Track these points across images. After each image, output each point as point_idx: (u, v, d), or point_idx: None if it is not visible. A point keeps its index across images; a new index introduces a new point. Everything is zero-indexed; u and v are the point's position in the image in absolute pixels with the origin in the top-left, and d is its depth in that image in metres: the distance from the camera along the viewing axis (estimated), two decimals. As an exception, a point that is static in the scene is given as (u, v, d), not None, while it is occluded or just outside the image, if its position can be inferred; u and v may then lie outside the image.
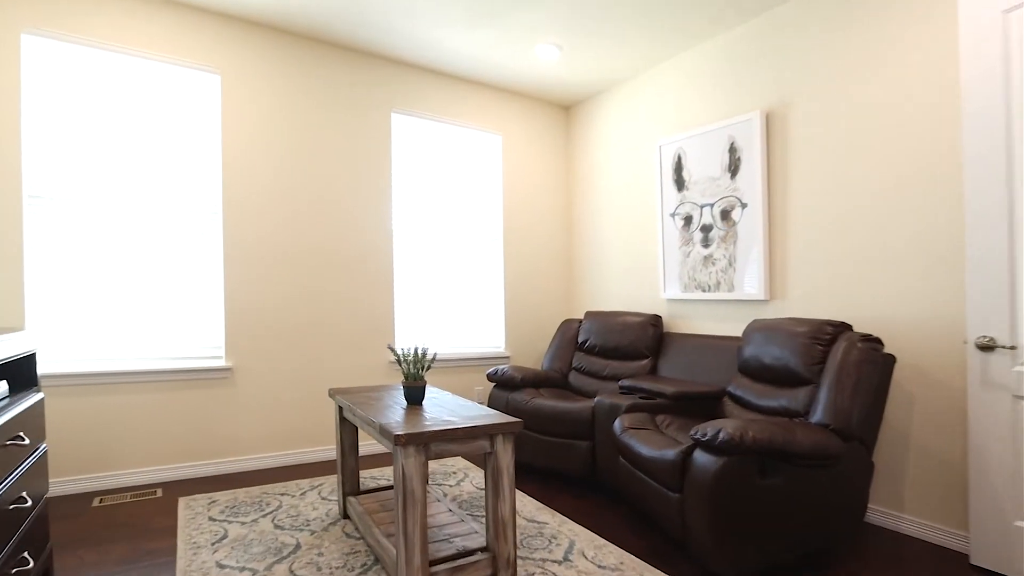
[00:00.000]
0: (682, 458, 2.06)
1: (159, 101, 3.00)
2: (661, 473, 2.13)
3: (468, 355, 3.98)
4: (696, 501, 1.94)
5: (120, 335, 2.91)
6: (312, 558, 2.10)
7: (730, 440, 1.84)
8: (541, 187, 4.38)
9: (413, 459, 1.75)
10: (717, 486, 1.87)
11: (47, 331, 2.75)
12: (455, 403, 2.25)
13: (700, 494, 1.92)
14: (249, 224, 3.22)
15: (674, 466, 2.06)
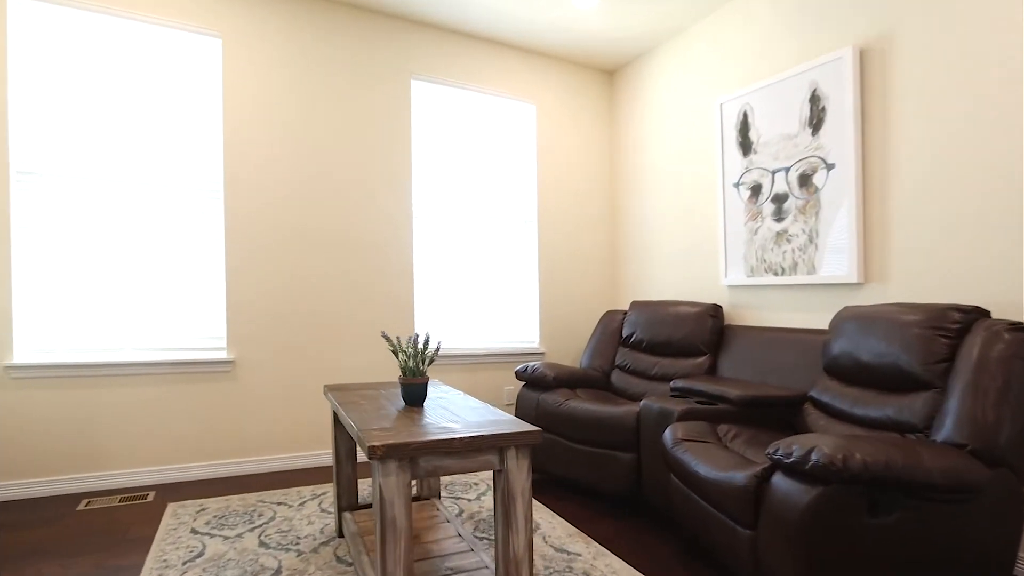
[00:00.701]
0: (756, 483, 1.58)
1: (156, 69, 2.77)
2: (726, 501, 1.66)
3: (497, 351, 3.59)
4: (777, 542, 1.46)
5: (114, 324, 2.69)
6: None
7: (828, 464, 1.35)
8: (580, 162, 3.93)
9: (395, 478, 1.36)
10: (809, 525, 1.38)
11: (34, 318, 2.55)
12: (465, 405, 1.85)
13: (783, 534, 1.43)
14: (252, 203, 2.94)
15: (744, 493, 1.58)
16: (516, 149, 3.71)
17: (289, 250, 3.03)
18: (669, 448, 2.06)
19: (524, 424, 1.54)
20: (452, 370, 3.46)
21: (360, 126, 3.21)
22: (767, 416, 2.29)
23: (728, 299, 3.11)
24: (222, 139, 2.89)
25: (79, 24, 2.63)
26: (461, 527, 1.99)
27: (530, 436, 1.48)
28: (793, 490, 1.45)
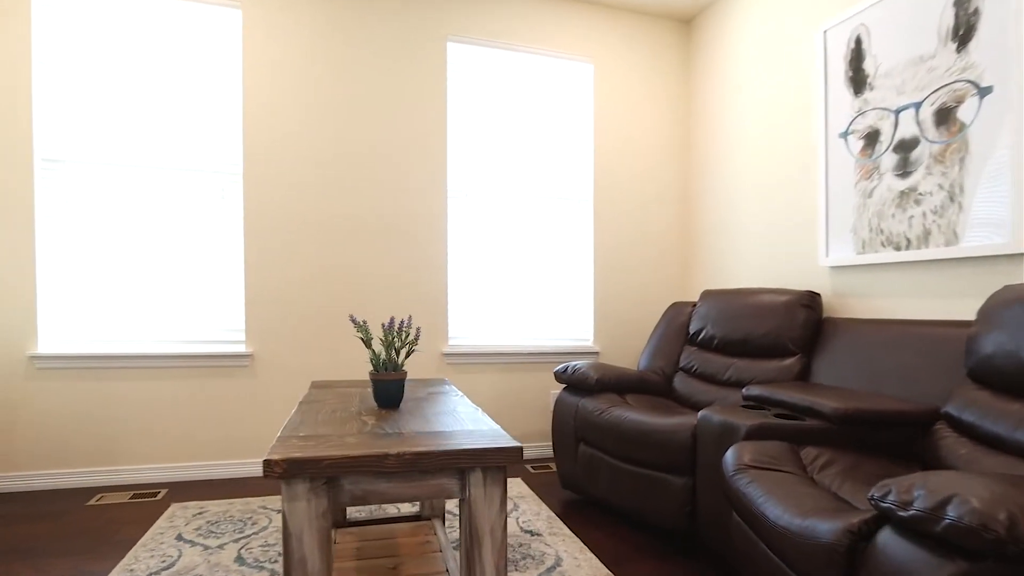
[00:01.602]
0: (851, 541, 1.07)
1: (175, 49, 2.69)
2: (804, 561, 1.15)
3: (542, 349, 3.18)
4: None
5: (135, 315, 2.64)
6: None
7: (981, 526, 0.82)
8: (647, 129, 3.41)
9: (304, 504, 1.02)
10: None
11: (58, 308, 2.55)
12: (453, 410, 1.48)
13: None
14: (272, 189, 2.78)
15: (831, 555, 1.08)
16: (569, 118, 3.28)
17: (310, 237, 2.84)
18: (729, 475, 1.56)
19: (499, 437, 1.14)
20: (489, 370, 3.10)
21: (390, 99, 2.95)
22: (876, 439, 1.70)
23: (829, 284, 2.47)
24: (241, 120, 2.75)
25: (98, 6, 2.59)
26: (453, 560, 1.63)
27: (504, 454, 1.08)
28: (913, 561, 0.93)
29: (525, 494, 2.50)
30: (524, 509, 2.32)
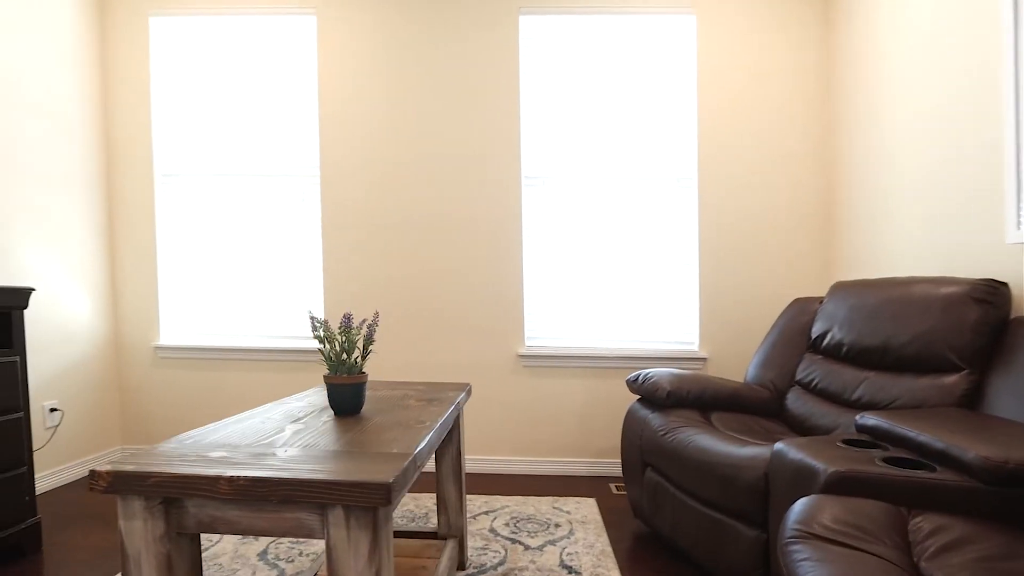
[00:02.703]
0: None
1: (263, 59, 2.90)
2: None
3: (636, 353, 2.78)
4: None
5: (234, 311, 2.92)
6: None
7: None
8: (770, 87, 2.78)
9: (141, 524, 0.91)
10: None
11: (176, 306, 2.93)
12: (414, 421, 1.29)
13: None
14: (348, 188, 2.86)
15: None
16: (664, 84, 2.82)
17: (383, 236, 2.85)
18: (783, 542, 1.10)
19: (373, 470, 0.91)
20: (571, 375, 2.80)
21: (460, 86, 2.84)
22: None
23: (1020, 270, 1.70)
24: (317, 123, 2.87)
25: (199, 30, 2.92)
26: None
27: (366, 492, 0.85)
28: None
29: (590, 519, 2.18)
30: (578, 538, 2.00)
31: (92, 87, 2.83)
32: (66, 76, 2.67)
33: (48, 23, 2.58)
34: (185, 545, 0.95)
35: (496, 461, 2.82)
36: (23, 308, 1.89)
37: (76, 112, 2.73)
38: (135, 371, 2.93)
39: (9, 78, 2.38)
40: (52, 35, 2.60)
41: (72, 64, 2.71)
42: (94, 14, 2.85)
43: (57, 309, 2.59)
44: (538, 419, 2.82)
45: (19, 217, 2.41)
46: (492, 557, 1.84)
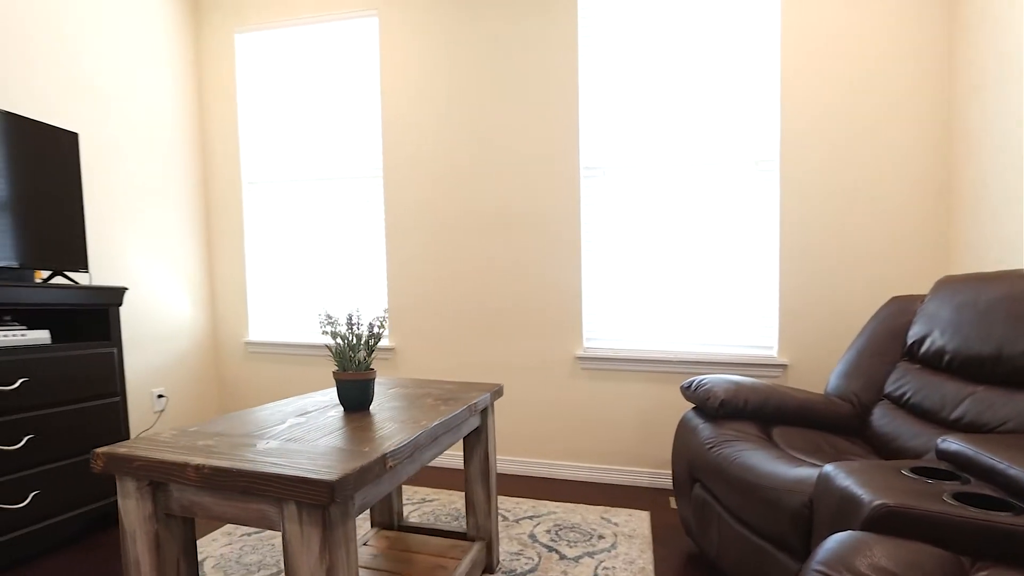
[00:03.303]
0: None
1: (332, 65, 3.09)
2: None
3: (705, 358, 2.59)
4: None
5: (314, 308, 3.15)
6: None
7: None
8: (871, 45, 2.44)
9: (134, 503, 1.00)
10: None
11: (262, 304, 3.23)
12: (409, 419, 1.30)
13: None
14: (409, 188, 2.96)
15: None
16: (736, 54, 2.59)
17: (443, 235, 2.91)
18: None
19: (326, 467, 0.93)
20: (633, 379, 2.67)
21: (518, 75, 2.81)
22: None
23: None
24: (381, 123, 3.00)
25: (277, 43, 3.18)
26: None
27: (313, 489, 0.87)
28: None
29: (638, 534, 2.06)
30: (620, 552, 1.90)
31: (188, 103, 3.19)
32: (166, 94, 3.04)
33: (150, 47, 2.95)
34: (176, 527, 1.04)
35: (550, 465, 2.77)
36: (118, 305, 2.17)
37: (175, 126, 3.10)
38: (229, 364, 3.27)
39: (117, 96, 2.76)
40: (153, 57, 2.97)
41: (171, 83, 3.08)
42: (189, 36, 3.21)
43: (164, 308, 2.96)
44: (596, 424, 2.73)
45: (127, 224, 2.78)
46: (524, 564, 1.81)
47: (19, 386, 1.80)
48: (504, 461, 2.84)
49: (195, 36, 3.26)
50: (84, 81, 2.60)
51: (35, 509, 1.83)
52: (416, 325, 2.96)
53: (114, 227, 2.72)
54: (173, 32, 3.10)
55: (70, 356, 1.98)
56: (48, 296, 1.95)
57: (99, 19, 2.67)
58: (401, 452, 1.08)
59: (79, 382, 2.00)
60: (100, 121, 2.67)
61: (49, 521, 1.87)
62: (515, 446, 2.84)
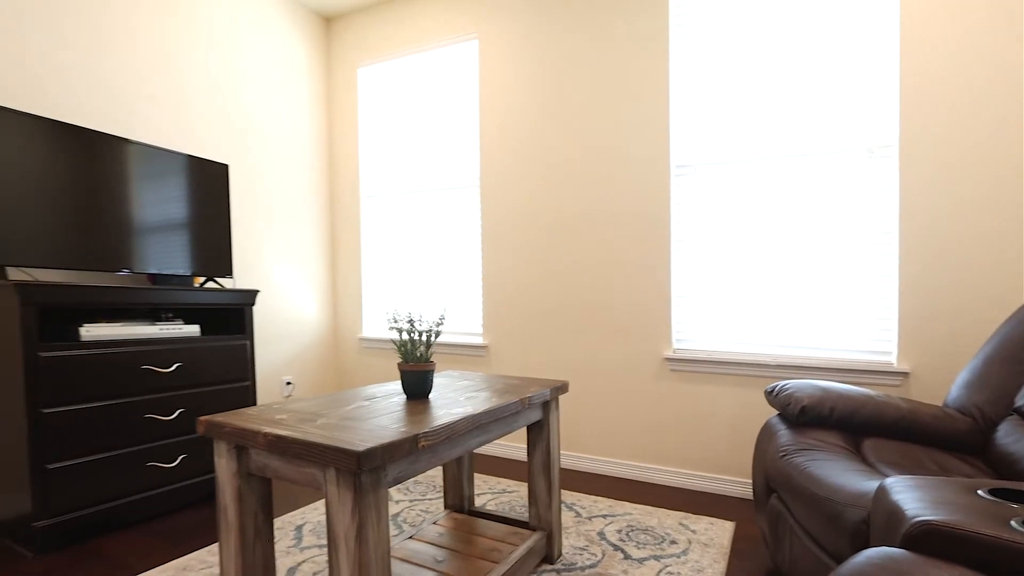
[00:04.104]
0: None
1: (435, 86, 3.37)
2: None
3: (810, 362, 2.42)
4: None
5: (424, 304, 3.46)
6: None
7: None
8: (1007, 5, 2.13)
9: (225, 461, 1.25)
10: None
11: (373, 301, 3.61)
12: (457, 411, 1.44)
13: None
14: (503, 194, 3.14)
15: None
16: (846, 31, 2.38)
17: (536, 236, 3.04)
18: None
19: (360, 441, 1.09)
20: (723, 382, 2.57)
21: (608, 78, 2.86)
22: None
23: None
24: (478, 135, 3.21)
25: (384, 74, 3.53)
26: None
27: (343, 458, 1.04)
28: None
29: (715, 543, 2.00)
30: (691, 559, 1.88)
31: (318, 130, 3.67)
32: (300, 125, 3.53)
33: (289, 86, 3.45)
34: (255, 484, 1.27)
35: (633, 467, 2.76)
36: (252, 305, 2.60)
37: (307, 151, 3.58)
38: (346, 356, 3.70)
39: (260, 131, 3.27)
40: (292, 95, 3.47)
41: (305, 115, 3.57)
42: (321, 74, 3.70)
43: (293, 307, 3.45)
44: (684, 428, 2.66)
45: (264, 235, 3.29)
46: (586, 559, 1.86)
47: (174, 369, 2.26)
48: (585, 459, 2.88)
49: (326, 73, 3.74)
50: (235, 119, 3.13)
51: (182, 470, 2.28)
52: (508, 325, 3.11)
53: (253, 239, 3.23)
54: (309, 72, 3.60)
55: (213, 346, 2.42)
56: (201, 297, 2.41)
57: (249, 66, 3.20)
58: (435, 434, 1.22)
59: (219, 368, 2.44)
60: (245, 152, 3.20)
61: (192, 480, 2.31)
62: (599, 445, 2.86)
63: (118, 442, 2.09)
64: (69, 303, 1.98)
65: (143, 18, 2.70)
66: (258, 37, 3.28)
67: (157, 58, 2.76)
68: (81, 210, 2.19)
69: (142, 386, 2.16)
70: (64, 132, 2.15)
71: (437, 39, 3.34)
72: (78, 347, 1.99)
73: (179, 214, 2.52)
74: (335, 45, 3.74)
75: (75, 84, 2.44)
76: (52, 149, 2.12)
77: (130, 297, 2.15)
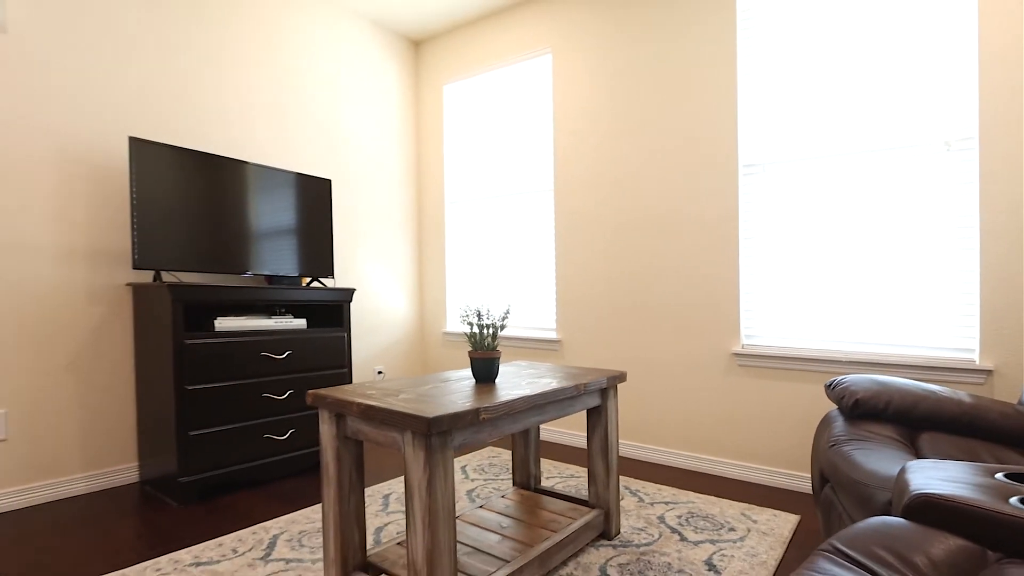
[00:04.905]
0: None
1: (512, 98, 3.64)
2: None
3: (880, 359, 2.41)
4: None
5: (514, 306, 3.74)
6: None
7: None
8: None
9: (327, 427, 1.57)
10: None
11: (454, 301, 3.93)
12: (518, 394, 1.68)
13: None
14: (575, 197, 3.34)
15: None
16: (922, 18, 2.36)
17: (606, 237, 3.21)
18: (812, 555, 1.08)
19: (429, 411, 1.35)
20: (792, 378, 2.61)
21: (675, 80, 2.98)
22: None
23: None
24: (552, 142, 3.43)
25: (467, 90, 3.83)
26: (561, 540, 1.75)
27: (414, 423, 1.31)
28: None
29: (775, 533, 2.09)
30: (747, 545, 1.98)
31: (408, 144, 4.06)
32: (393, 140, 3.94)
33: (384, 106, 3.86)
34: (351, 446, 1.57)
35: (700, 459, 2.85)
36: (349, 302, 2.99)
37: (398, 165, 3.98)
38: (432, 348, 4.05)
39: (359, 147, 3.70)
40: (386, 114, 3.88)
41: (397, 131, 3.97)
42: (411, 93, 4.09)
43: (385, 304, 3.85)
44: (752, 423, 2.72)
45: (360, 240, 3.70)
46: (643, 537, 2.02)
47: (286, 356, 2.68)
48: (653, 450, 3.00)
49: (415, 92, 4.14)
50: (336, 139, 3.58)
51: (291, 442, 2.69)
52: (580, 321, 3.30)
53: (350, 243, 3.66)
54: (401, 93, 4.01)
55: (317, 337, 2.82)
56: (308, 295, 2.82)
57: (348, 92, 3.63)
58: (495, 409, 1.45)
59: (322, 356, 2.84)
60: (344, 167, 3.63)
61: (299, 452, 2.72)
62: (667, 437, 2.98)
63: (241, 416, 2.52)
64: (206, 300, 2.44)
65: (259, 57, 3.18)
66: (356, 65, 3.71)
67: (269, 91, 3.23)
68: (212, 223, 2.66)
69: (260, 370, 2.59)
70: (197, 159, 2.62)
71: (514, 55, 3.60)
72: (213, 336, 2.44)
73: (290, 223, 2.96)
74: (423, 66, 4.11)
75: (203, 118, 2.94)
76: (189, 174, 2.59)
77: (252, 295, 2.59)
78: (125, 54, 2.65)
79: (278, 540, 2.01)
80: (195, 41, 2.90)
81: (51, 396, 2.42)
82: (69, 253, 2.48)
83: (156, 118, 2.75)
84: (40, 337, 2.39)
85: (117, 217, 2.62)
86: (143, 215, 2.43)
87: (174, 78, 2.81)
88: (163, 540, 2.03)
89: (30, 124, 2.38)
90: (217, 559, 1.87)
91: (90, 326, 2.53)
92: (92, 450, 2.53)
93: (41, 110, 2.41)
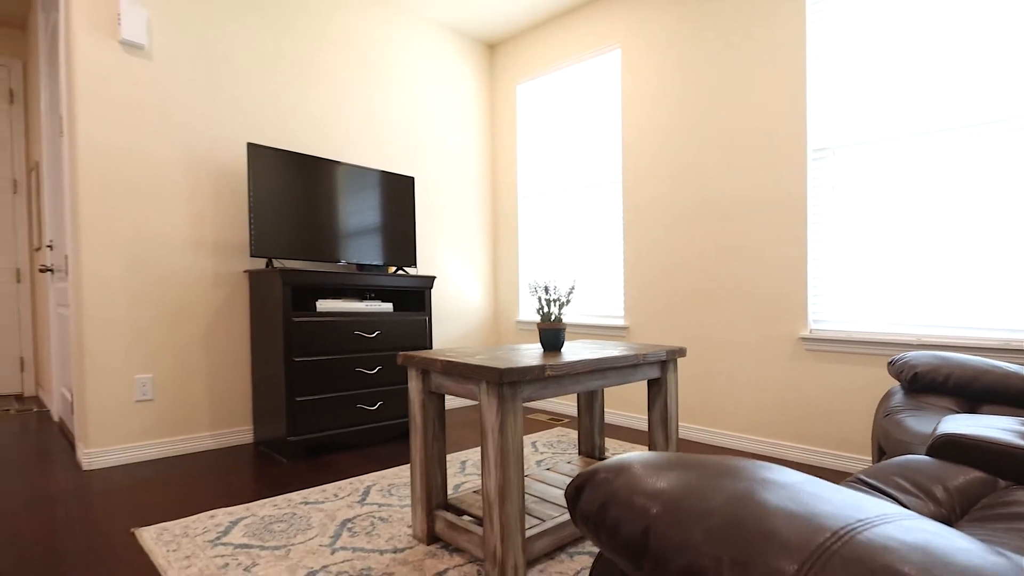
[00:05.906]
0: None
1: (583, 93, 3.85)
2: None
3: (958, 341, 2.41)
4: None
5: (560, 292, 3.95)
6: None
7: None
8: None
9: (415, 383, 1.86)
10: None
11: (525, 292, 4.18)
12: (581, 359, 1.89)
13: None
14: (643, 187, 3.50)
15: None
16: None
17: (673, 225, 3.35)
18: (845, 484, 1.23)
19: (507, 364, 1.60)
20: (862, 362, 2.64)
21: (743, 66, 3.07)
22: None
23: None
24: (620, 135, 3.61)
25: (539, 88, 4.08)
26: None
27: (490, 374, 1.55)
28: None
29: (841, 511, 2.17)
30: (808, 518, 2.08)
31: (483, 142, 4.37)
32: (470, 139, 4.26)
33: (462, 108, 4.19)
34: (434, 399, 1.85)
35: (765, 443, 2.91)
36: (430, 289, 3.31)
37: (474, 161, 4.29)
38: (506, 336, 4.33)
39: (438, 147, 4.04)
40: (464, 114, 4.20)
41: (473, 130, 4.29)
42: (487, 94, 4.40)
43: (461, 293, 4.16)
44: (821, 407, 2.76)
45: (439, 232, 4.04)
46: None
47: (376, 335, 3.03)
48: (717, 434, 3.10)
49: (490, 92, 4.44)
50: (417, 139, 3.94)
51: (381, 412, 3.04)
52: (648, 308, 3.45)
53: (430, 235, 4.00)
54: (477, 93, 4.33)
55: (402, 319, 3.16)
56: (393, 282, 3.17)
57: (428, 95, 3.99)
58: (558, 368, 1.67)
59: (406, 337, 3.17)
60: (424, 164, 3.99)
61: (388, 422, 3.07)
62: (732, 420, 3.07)
63: (338, 387, 2.89)
64: (309, 284, 2.83)
65: (350, 67, 3.59)
66: (436, 70, 4.05)
67: (359, 97, 3.63)
68: (313, 216, 3.06)
69: (354, 346, 2.96)
70: (299, 160, 3.03)
71: (584, 52, 3.81)
72: (315, 315, 2.83)
73: (377, 216, 3.33)
74: (497, 68, 4.41)
75: (303, 123, 3.37)
76: (293, 174, 3.00)
77: (346, 280, 2.96)
78: (244, 71, 3.11)
79: (371, 489, 2.33)
80: (296, 55, 3.33)
81: (185, 365, 2.90)
82: (199, 245, 2.95)
83: (267, 124, 3.20)
84: (177, 315, 2.88)
85: (236, 213, 3.07)
86: (258, 211, 2.86)
87: (280, 88, 3.25)
88: (277, 485, 2.42)
89: (171, 137, 2.86)
90: (322, 500, 2.22)
91: (215, 306, 3.00)
92: (217, 412, 3.00)
93: (178, 124, 2.89)
